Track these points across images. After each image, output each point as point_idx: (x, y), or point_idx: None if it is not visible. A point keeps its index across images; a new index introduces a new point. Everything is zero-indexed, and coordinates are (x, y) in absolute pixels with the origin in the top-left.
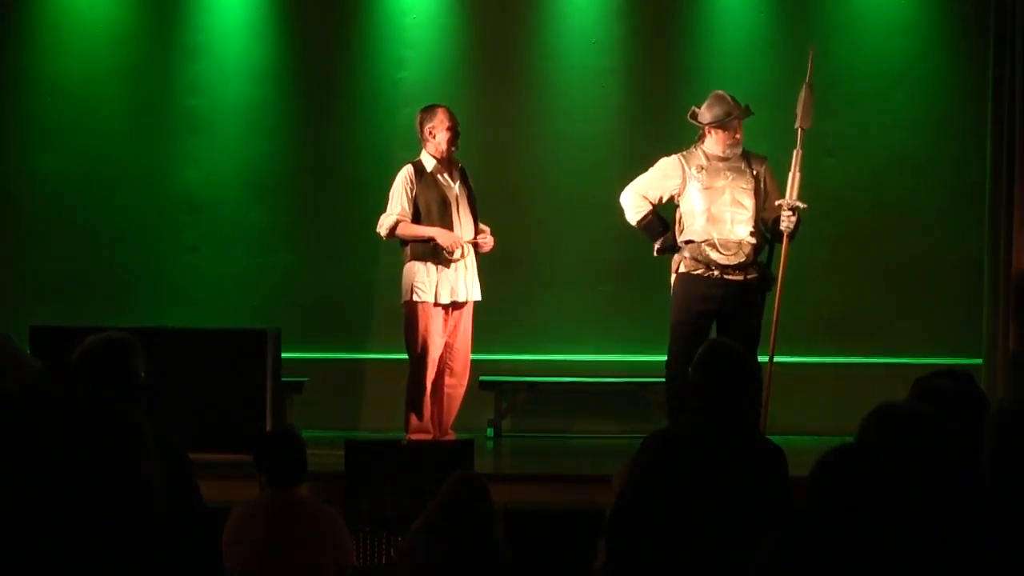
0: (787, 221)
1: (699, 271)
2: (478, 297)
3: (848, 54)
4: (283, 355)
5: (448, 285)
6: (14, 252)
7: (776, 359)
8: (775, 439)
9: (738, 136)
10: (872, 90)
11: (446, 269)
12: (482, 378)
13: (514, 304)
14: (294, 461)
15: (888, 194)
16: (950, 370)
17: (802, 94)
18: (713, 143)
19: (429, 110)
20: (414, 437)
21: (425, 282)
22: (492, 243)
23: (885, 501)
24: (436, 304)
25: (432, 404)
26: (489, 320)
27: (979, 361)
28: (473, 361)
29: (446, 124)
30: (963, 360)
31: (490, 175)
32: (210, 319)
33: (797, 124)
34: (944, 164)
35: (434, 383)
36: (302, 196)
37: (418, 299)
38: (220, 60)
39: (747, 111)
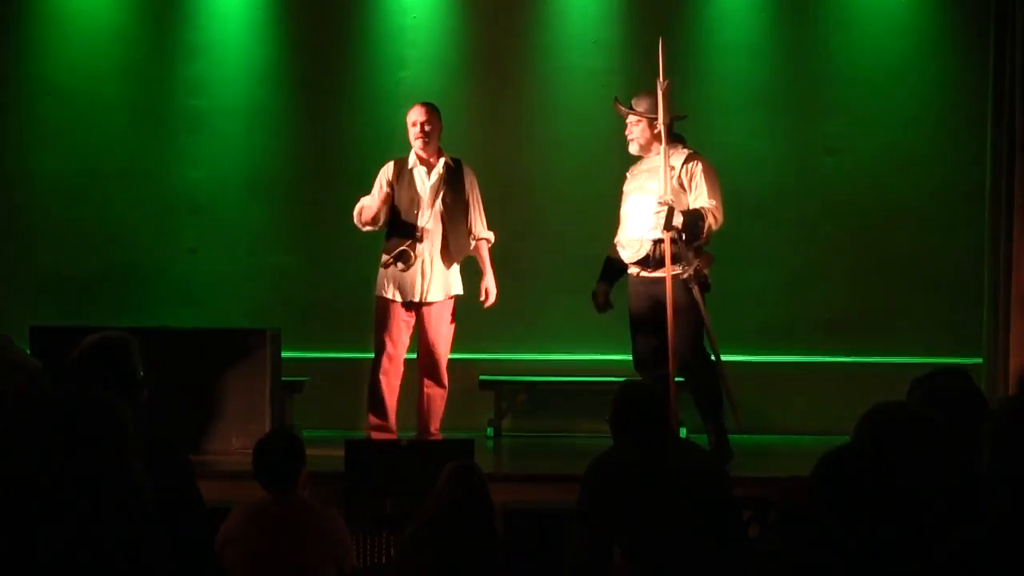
0: (655, 218)
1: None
2: (437, 299)
3: (848, 53)
4: (283, 355)
5: (405, 285)
6: (14, 252)
7: (776, 359)
8: (775, 439)
9: (629, 136)
10: (872, 90)
11: (404, 268)
12: (482, 378)
13: (514, 304)
14: (290, 463)
15: (888, 194)
16: (949, 370)
17: (657, 90)
18: None
19: (411, 107)
20: (375, 436)
21: (387, 279)
22: (493, 299)
23: (884, 501)
24: (394, 301)
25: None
26: (489, 320)
27: (979, 361)
28: (473, 361)
29: (411, 120)
30: (963, 360)
31: (490, 174)
32: (210, 319)
33: (657, 120)
34: (944, 164)
35: (417, 385)
36: (302, 196)
37: (378, 294)
38: (220, 60)
39: (625, 110)
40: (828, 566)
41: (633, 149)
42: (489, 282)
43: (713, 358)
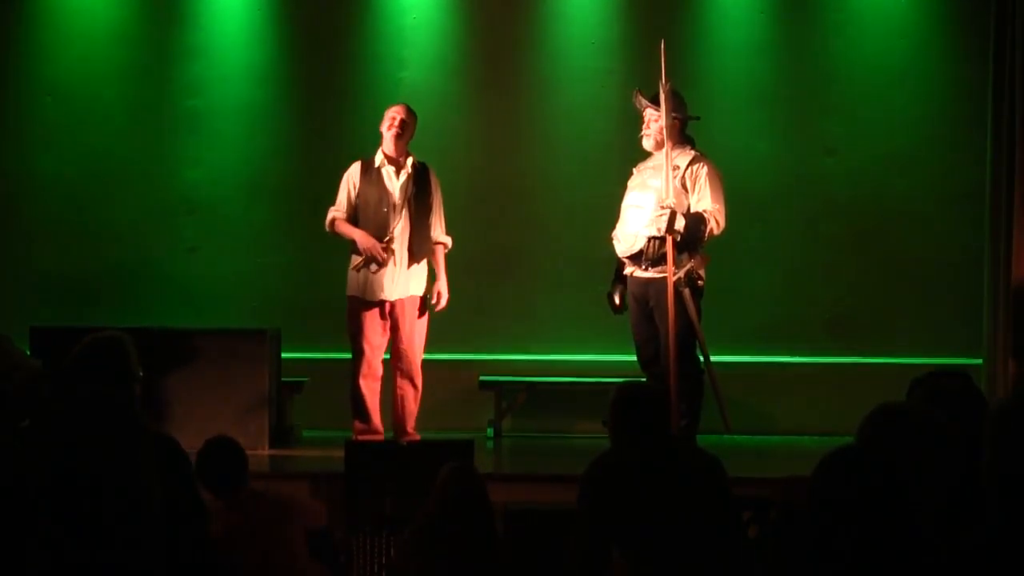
0: (657, 221)
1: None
2: (404, 295)
3: (848, 54)
4: (283, 355)
5: (376, 285)
6: (14, 252)
7: (776, 359)
8: (776, 439)
9: (645, 131)
10: (872, 90)
11: (377, 269)
12: (482, 378)
13: (514, 304)
14: (232, 470)
15: (888, 194)
16: (948, 371)
17: (662, 93)
18: None
19: (390, 106)
20: (361, 439)
21: (357, 279)
22: (444, 303)
23: (885, 501)
24: (367, 302)
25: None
26: (489, 320)
27: (979, 361)
28: (473, 361)
29: (389, 115)
30: (963, 360)
31: (490, 174)
32: (210, 319)
33: (661, 122)
34: (944, 164)
35: (392, 385)
36: (302, 196)
37: (350, 295)
38: (220, 60)
39: (645, 103)
40: (828, 566)
41: (648, 145)
42: (442, 285)
43: (702, 360)
